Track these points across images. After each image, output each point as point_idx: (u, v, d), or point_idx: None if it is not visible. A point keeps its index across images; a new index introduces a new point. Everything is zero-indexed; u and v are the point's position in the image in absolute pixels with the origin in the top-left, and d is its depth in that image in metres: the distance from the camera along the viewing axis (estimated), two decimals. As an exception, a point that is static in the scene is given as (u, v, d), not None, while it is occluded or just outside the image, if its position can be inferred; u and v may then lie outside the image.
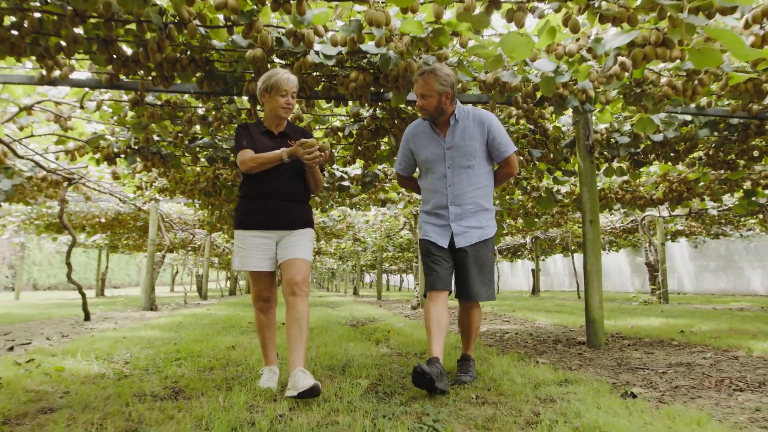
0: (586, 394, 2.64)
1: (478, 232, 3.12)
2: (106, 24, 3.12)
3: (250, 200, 2.94)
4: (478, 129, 3.11)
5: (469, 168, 3.11)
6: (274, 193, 2.90)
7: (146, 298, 10.18)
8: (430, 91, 2.97)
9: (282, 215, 2.90)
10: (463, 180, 3.11)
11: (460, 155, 3.10)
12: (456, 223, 3.11)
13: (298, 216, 2.95)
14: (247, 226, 2.91)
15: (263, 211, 2.90)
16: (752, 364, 3.60)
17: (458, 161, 3.11)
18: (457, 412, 2.37)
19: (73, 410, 2.36)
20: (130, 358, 3.88)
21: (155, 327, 6.39)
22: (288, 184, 2.92)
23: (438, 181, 3.15)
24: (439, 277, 3.07)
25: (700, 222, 13.93)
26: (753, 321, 6.85)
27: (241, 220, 2.94)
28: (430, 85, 2.95)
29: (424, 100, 3.01)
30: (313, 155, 2.76)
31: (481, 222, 3.14)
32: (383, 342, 5.03)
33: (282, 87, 2.86)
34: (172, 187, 7.57)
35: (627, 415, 2.23)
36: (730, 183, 7.86)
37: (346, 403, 2.49)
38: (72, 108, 5.09)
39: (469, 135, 3.10)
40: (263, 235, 2.90)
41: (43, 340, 5.23)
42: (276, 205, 2.90)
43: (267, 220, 2.90)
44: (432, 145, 3.16)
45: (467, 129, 3.10)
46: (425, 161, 3.20)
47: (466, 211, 3.12)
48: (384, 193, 7.76)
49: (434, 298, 3.06)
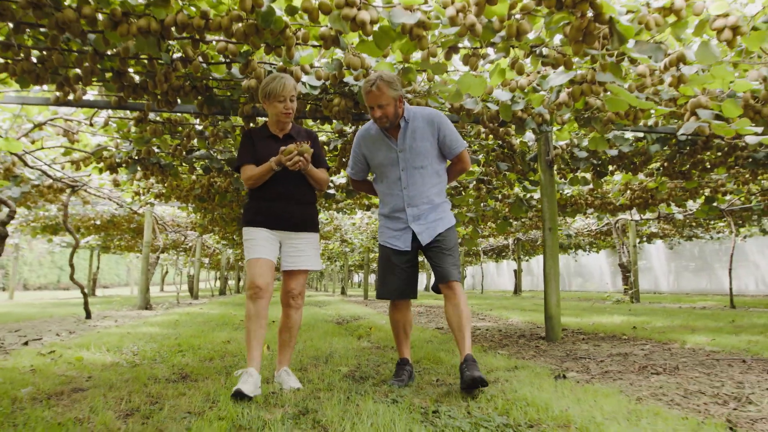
0: (527, 377, 3.18)
1: (440, 223, 3.16)
2: (122, 60, 3.62)
3: (257, 202, 3.06)
4: (428, 129, 3.13)
5: (422, 168, 3.14)
6: (278, 196, 3.01)
7: (142, 298, 10.63)
8: (386, 99, 2.97)
9: (286, 217, 3.03)
10: (417, 181, 3.14)
11: (412, 157, 3.12)
12: (415, 223, 3.15)
13: (302, 218, 3.07)
14: (254, 225, 3.02)
15: (269, 213, 3.01)
16: (680, 354, 4.17)
17: (411, 163, 3.13)
18: (418, 391, 2.89)
19: (100, 389, 2.86)
20: (138, 351, 4.37)
21: (155, 324, 6.88)
22: (291, 187, 3.03)
23: (393, 184, 3.17)
24: (400, 289, 3.16)
25: (672, 225, 14.59)
26: (704, 318, 7.46)
27: (249, 220, 3.04)
28: (384, 94, 2.95)
29: (382, 110, 3.00)
30: (294, 160, 2.87)
31: (440, 214, 3.18)
32: (365, 337, 5.55)
33: (279, 93, 2.95)
34: (168, 193, 8.05)
35: (552, 391, 2.77)
36: (690, 190, 8.48)
37: (326, 384, 3.01)
38: (79, 123, 5.57)
39: (420, 135, 3.12)
40: (269, 232, 3.03)
41: (53, 336, 5.69)
42: (281, 207, 3.02)
43: (272, 222, 3.01)
44: (384, 150, 3.17)
45: (417, 130, 3.12)
46: (378, 165, 3.22)
47: (423, 210, 3.15)
48: (367, 199, 8.28)
49: (398, 305, 3.23)
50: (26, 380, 3.03)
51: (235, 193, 7.57)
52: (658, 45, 3.22)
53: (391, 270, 3.18)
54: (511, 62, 3.39)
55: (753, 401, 2.54)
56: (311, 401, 2.59)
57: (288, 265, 3.05)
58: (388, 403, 2.55)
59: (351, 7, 2.65)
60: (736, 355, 3.97)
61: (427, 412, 2.38)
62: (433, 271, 3.14)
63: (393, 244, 3.19)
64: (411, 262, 3.20)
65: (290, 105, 3.00)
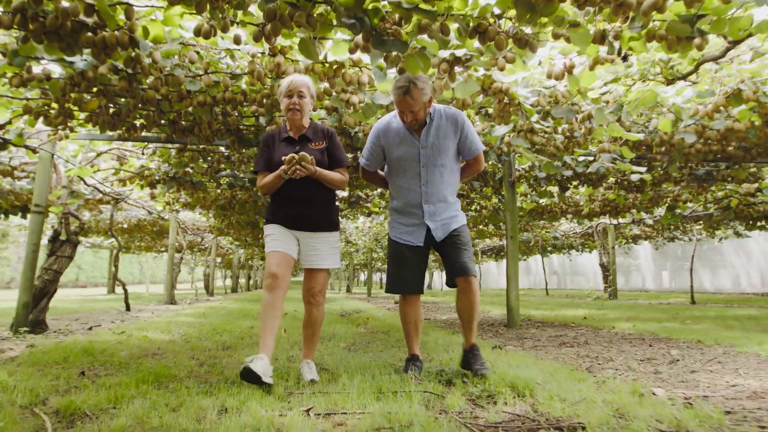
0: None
1: (454, 220, 3.22)
2: (178, 115, 4.89)
3: (275, 204, 3.15)
4: (452, 128, 3.16)
5: (442, 166, 3.16)
6: (294, 200, 3.08)
7: (167, 294, 11.94)
8: (418, 105, 3.00)
9: (303, 219, 3.10)
10: (437, 179, 3.16)
11: (434, 154, 3.14)
12: (431, 219, 3.18)
13: (318, 219, 3.13)
14: (273, 222, 3.13)
15: (286, 214, 3.10)
16: (602, 335, 5.40)
17: (432, 160, 3.15)
18: (392, 354, 4.14)
19: (171, 354, 4.12)
20: (184, 333, 5.64)
21: (187, 315, 8.18)
22: (306, 190, 3.07)
23: (412, 179, 3.19)
24: (411, 283, 3.23)
25: (652, 228, 15.76)
26: (655, 311, 8.68)
27: (268, 218, 3.16)
28: (417, 101, 2.98)
29: (414, 115, 3.04)
30: (292, 169, 2.91)
31: (453, 212, 3.24)
32: (362, 325, 6.80)
33: (286, 87, 3.03)
34: (194, 203, 9.35)
35: (486, 354, 4.01)
36: (651, 199, 9.68)
37: (329, 352, 4.27)
38: (131, 152, 6.87)
39: (443, 134, 3.14)
40: (286, 229, 3.13)
41: (108, 323, 6.98)
42: (297, 209, 3.08)
43: (289, 222, 3.11)
44: (406, 145, 3.18)
45: (441, 127, 3.15)
46: (397, 159, 3.22)
47: (438, 208, 3.20)
48: (367, 208, 9.55)
49: (409, 300, 3.30)
50: (118, 348, 4.31)
51: (253, 203, 8.84)
52: (571, 108, 4.46)
53: (404, 265, 3.22)
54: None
55: (612, 359, 3.78)
56: (319, 359, 3.85)
57: (306, 263, 3.16)
58: (370, 360, 3.81)
59: (345, 92, 3.90)
60: (640, 336, 5.21)
61: (395, 365, 3.63)
62: (450, 266, 3.15)
63: (406, 240, 3.24)
64: (423, 258, 3.27)
65: (298, 101, 3.02)
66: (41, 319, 5.84)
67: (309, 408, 2.31)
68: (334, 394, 2.61)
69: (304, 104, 3.06)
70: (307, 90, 3.08)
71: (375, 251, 18.53)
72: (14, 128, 5.34)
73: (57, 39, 3.01)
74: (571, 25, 2.83)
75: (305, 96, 3.06)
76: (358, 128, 5.05)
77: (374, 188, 7.88)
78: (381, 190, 8.44)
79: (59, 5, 2.80)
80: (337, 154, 3.18)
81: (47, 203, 5.91)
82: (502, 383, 2.71)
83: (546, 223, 15.50)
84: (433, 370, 3.23)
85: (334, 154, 3.17)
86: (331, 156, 3.16)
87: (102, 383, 2.81)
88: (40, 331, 5.66)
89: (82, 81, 3.74)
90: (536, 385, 2.67)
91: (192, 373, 3.21)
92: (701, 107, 4.58)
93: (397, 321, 7.39)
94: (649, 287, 23.11)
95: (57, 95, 4.04)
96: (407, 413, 2.15)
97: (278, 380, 2.92)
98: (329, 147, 3.17)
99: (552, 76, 3.55)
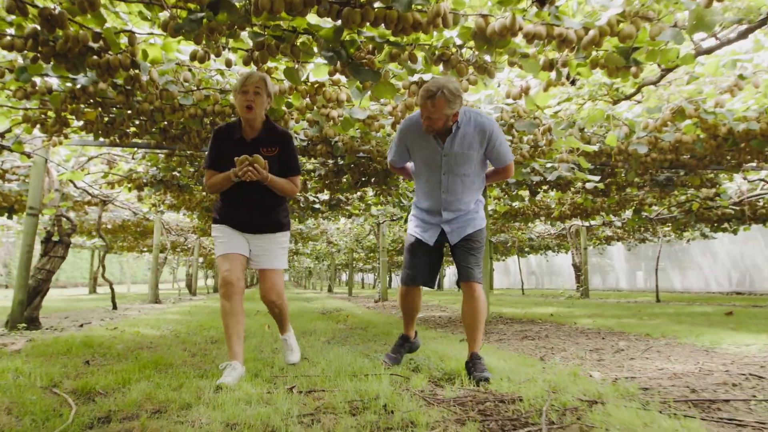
0: (443, 341, 4.82)
1: (470, 224, 3.20)
2: (168, 124, 5.22)
3: (223, 204, 3.10)
4: (477, 137, 3.06)
5: (464, 176, 3.11)
6: (242, 202, 3.03)
7: (152, 293, 12.20)
8: (438, 114, 2.91)
9: (250, 221, 3.07)
10: (458, 188, 3.12)
11: (457, 163, 3.08)
12: (447, 224, 3.20)
13: (267, 220, 3.09)
14: (221, 223, 3.09)
15: (235, 216, 3.06)
16: (563, 330, 5.85)
17: (454, 169, 3.09)
18: (368, 347, 4.52)
19: (164, 346, 4.46)
20: (173, 329, 5.96)
21: (174, 313, 8.48)
22: (256, 194, 3.02)
23: (433, 186, 3.18)
24: (417, 275, 3.27)
25: (623, 229, 16.36)
26: (619, 309, 9.19)
27: (216, 218, 3.12)
28: (438, 110, 2.89)
29: (430, 120, 2.95)
30: (244, 171, 2.82)
31: (472, 215, 3.22)
32: (341, 322, 7.18)
33: (241, 84, 2.89)
34: (179, 204, 9.65)
35: (453, 346, 4.42)
36: (618, 203, 10.20)
37: (310, 345, 4.64)
38: (120, 156, 7.17)
39: (468, 143, 3.06)
40: (235, 230, 3.10)
41: (98, 321, 7.27)
42: (245, 211, 3.05)
43: (237, 224, 3.08)
44: (429, 149, 3.13)
45: (467, 136, 3.06)
46: (420, 162, 3.22)
47: (458, 214, 3.20)
48: (348, 211, 9.93)
49: (410, 291, 3.35)
50: (114, 342, 4.64)
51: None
52: (532, 121, 4.89)
53: (417, 257, 3.27)
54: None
55: (566, 349, 4.22)
56: (300, 350, 4.22)
57: (256, 264, 3.12)
58: (347, 351, 4.19)
59: (325, 108, 4.28)
60: (598, 330, 5.66)
61: (369, 355, 4.02)
62: (457, 268, 3.20)
63: (420, 235, 3.27)
64: (434, 255, 3.32)
65: (253, 98, 2.88)
66: (35, 317, 6.12)
67: (292, 387, 2.69)
68: (314, 376, 2.99)
69: (259, 102, 2.91)
70: (264, 87, 2.93)
71: (356, 251, 18.91)
72: (11, 135, 5.63)
73: (64, 60, 3.35)
74: (522, 56, 3.25)
75: (261, 93, 2.91)
76: (338, 138, 5.43)
77: (354, 192, 8.26)
78: (360, 193, 8.83)
79: (69, 32, 3.14)
80: (290, 161, 3.08)
81: (41, 206, 6.19)
82: (462, 369, 3.11)
83: (521, 225, 16.02)
84: (403, 360, 3.62)
85: (287, 162, 3.07)
86: (283, 164, 3.06)
87: (107, 369, 3.16)
88: (34, 328, 5.94)
89: (82, 95, 4.08)
90: (491, 370, 3.08)
91: (186, 362, 3.57)
92: (651, 121, 5.04)
93: (375, 317, 7.78)
94: (623, 287, 23.85)
95: (57, 107, 4.36)
96: (375, 390, 2.54)
97: (264, 367, 3.29)
98: (282, 154, 3.04)
99: (511, 96, 3.97)
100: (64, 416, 2.13)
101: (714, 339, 4.57)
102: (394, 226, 14.47)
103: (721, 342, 4.41)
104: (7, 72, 3.91)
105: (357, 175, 6.98)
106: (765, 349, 4.00)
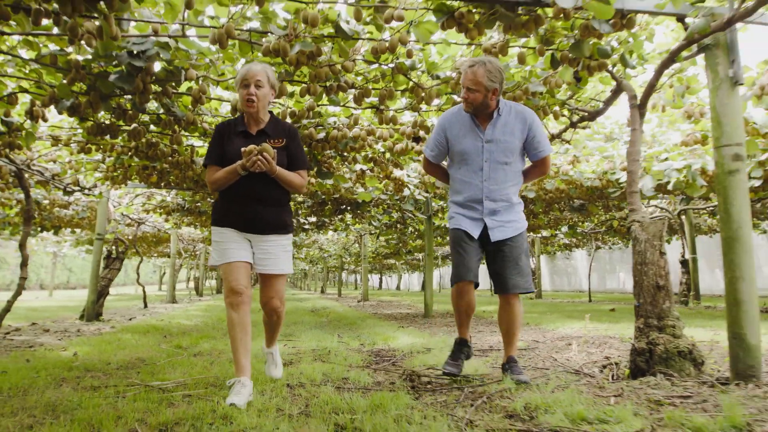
0: (389, 329, 7.19)
1: (513, 225, 3.11)
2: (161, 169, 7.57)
3: (226, 202, 2.91)
4: (519, 125, 3.06)
5: (506, 165, 3.08)
6: (247, 197, 2.85)
7: (170, 294, 14.56)
8: (477, 85, 2.90)
9: (256, 219, 2.88)
10: (500, 177, 3.08)
11: (498, 150, 3.06)
12: (490, 217, 3.09)
13: (272, 220, 2.92)
14: (223, 225, 2.90)
15: (238, 214, 2.87)
16: (481, 322, 8.21)
17: (496, 156, 3.06)
18: (335, 330, 6.88)
19: (203, 328, 6.80)
20: (202, 321, 8.31)
21: (195, 310, 10.86)
22: (261, 189, 2.87)
23: (473, 174, 3.11)
24: (470, 268, 3.09)
25: (578, 239, 18.79)
26: (546, 307, 11.60)
27: (216, 219, 2.93)
28: (477, 79, 2.88)
29: (470, 93, 2.94)
30: (252, 161, 2.70)
31: (514, 216, 3.14)
32: (325, 317, 9.54)
33: (242, 77, 2.80)
34: (194, 221, 12.04)
35: (394, 332, 6.78)
36: (552, 220, 12.62)
37: (300, 332, 7.00)
38: (157, 192, 9.54)
39: (509, 131, 3.05)
40: (237, 233, 2.90)
41: (141, 316, 9.63)
42: (250, 208, 2.86)
43: (240, 224, 2.88)
44: (470, 138, 3.10)
45: (508, 124, 3.06)
46: (461, 152, 3.14)
47: (500, 206, 3.09)
48: (332, 228, 12.33)
49: (463, 290, 3.14)
50: (168, 327, 6.99)
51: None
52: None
53: (465, 249, 3.12)
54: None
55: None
56: (287, 330, 6.59)
57: (261, 268, 2.96)
58: (320, 331, 6.55)
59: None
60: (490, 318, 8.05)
61: (332, 333, 6.38)
62: (495, 276, 3.12)
63: (466, 227, 3.14)
64: (479, 250, 3.19)
65: (255, 91, 2.79)
66: (99, 312, 8.49)
67: (285, 344, 5.07)
68: (296, 341, 5.37)
69: (261, 95, 2.82)
70: (266, 79, 2.85)
71: (344, 257, 21.30)
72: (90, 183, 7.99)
73: (145, 157, 5.70)
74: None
75: (263, 86, 2.83)
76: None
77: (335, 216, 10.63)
78: (341, 216, 11.20)
79: (156, 143, 5.48)
80: (299, 154, 2.99)
81: (105, 231, 8.56)
82: (382, 340, 5.48)
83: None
84: (355, 341, 5.99)
85: (294, 154, 2.97)
86: (291, 156, 2.95)
87: (180, 339, 5.52)
88: (98, 321, 8.30)
89: (150, 167, 6.44)
90: (395, 340, 5.46)
91: (223, 336, 5.94)
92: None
93: (351, 314, 10.12)
94: (584, 288, 26.35)
95: (132, 173, 6.73)
96: (330, 347, 4.91)
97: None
98: (290, 146, 2.95)
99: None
100: (180, 353, 4.50)
101: (558, 326, 6.94)
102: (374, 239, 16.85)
103: (558, 327, 6.78)
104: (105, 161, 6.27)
105: (336, 205, 9.35)
106: (576, 330, 6.37)
